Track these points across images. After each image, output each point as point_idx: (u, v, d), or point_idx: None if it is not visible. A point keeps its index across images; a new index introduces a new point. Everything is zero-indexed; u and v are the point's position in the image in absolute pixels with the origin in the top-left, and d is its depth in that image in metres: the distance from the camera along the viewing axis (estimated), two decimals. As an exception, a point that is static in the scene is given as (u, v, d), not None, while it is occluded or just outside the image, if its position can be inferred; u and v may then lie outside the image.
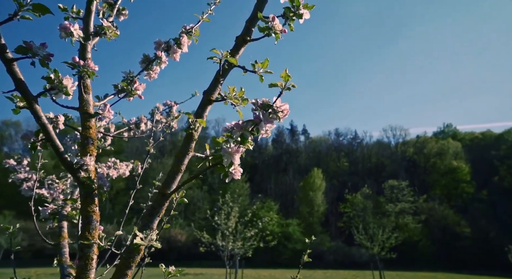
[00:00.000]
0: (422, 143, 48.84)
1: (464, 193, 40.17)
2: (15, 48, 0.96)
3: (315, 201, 37.62)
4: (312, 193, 37.95)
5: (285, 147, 55.62)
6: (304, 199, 38.11)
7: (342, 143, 58.29)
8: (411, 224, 32.80)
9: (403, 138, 53.63)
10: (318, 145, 57.29)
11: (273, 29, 1.24)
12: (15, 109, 1.10)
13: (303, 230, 33.47)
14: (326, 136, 59.35)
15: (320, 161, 51.23)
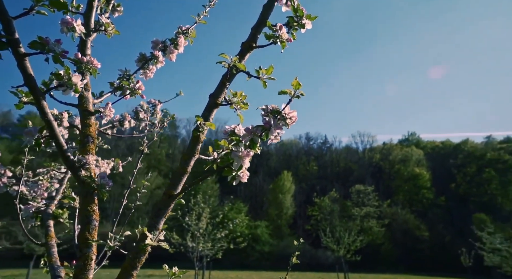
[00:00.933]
0: (388, 149, 50.81)
1: (424, 198, 42.18)
2: (29, 43, 0.94)
3: (284, 204, 38.05)
4: (281, 195, 38.35)
5: (256, 149, 55.79)
6: (273, 201, 38.44)
7: (312, 147, 59.43)
8: (375, 228, 33.97)
9: (371, 144, 55.56)
10: (289, 148, 58.04)
11: (280, 38, 1.29)
12: (19, 104, 1.07)
13: (271, 232, 33.74)
14: (297, 140, 60.24)
15: (290, 164, 51.90)
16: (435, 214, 39.30)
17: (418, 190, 42.31)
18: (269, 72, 1.27)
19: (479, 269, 25.15)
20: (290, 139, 60.90)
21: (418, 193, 42.13)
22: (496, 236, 18.91)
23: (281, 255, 30.06)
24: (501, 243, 18.10)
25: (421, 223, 36.03)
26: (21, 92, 1.05)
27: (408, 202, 41.44)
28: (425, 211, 39.92)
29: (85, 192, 1.17)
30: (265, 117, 1.09)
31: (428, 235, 34.39)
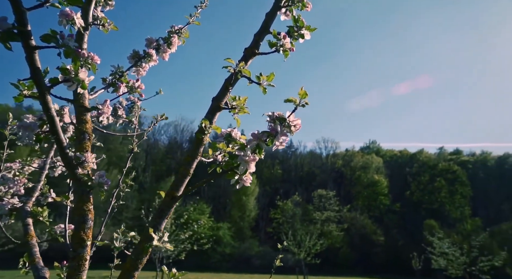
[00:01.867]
0: (350, 156, 52.59)
1: (381, 204, 44.12)
2: (42, 36, 0.91)
3: (247, 206, 38.17)
4: (245, 197, 38.43)
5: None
6: (237, 203, 38.44)
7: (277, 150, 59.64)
8: (334, 232, 35.00)
9: (334, 150, 57.17)
10: (255, 151, 58.29)
11: (284, 47, 1.33)
12: (18, 97, 1.03)
13: (233, 234, 33.70)
14: (262, 143, 60.63)
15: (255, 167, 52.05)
16: (391, 220, 41.25)
17: (376, 196, 44.20)
18: (269, 79, 1.31)
19: (427, 271, 26.73)
20: (256, 141, 61.12)
21: (376, 199, 44.00)
22: (444, 241, 20.26)
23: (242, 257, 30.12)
24: (448, 247, 19.44)
25: (377, 228, 37.65)
26: (23, 85, 1.01)
27: (367, 207, 43.14)
28: (381, 217, 41.76)
29: (81, 190, 1.14)
30: (270, 123, 1.12)
31: (384, 240, 36.01)
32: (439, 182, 45.25)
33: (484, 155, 56.71)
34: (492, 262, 17.88)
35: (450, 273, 18.99)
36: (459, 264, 18.29)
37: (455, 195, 43.98)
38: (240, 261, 28.92)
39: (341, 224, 36.83)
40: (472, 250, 18.38)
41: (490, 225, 37.16)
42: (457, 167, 48.14)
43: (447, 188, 44.90)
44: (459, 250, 18.80)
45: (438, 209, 43.29)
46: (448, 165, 48.01)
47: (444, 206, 43.58)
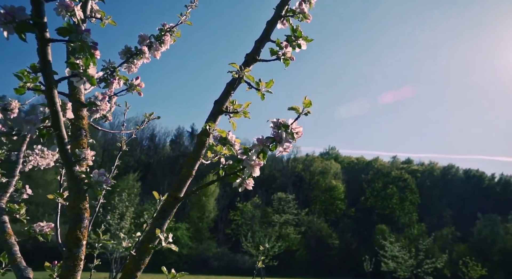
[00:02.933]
0: (310, 161, 53.98)
1: (337, 209, 45.72)
2: (58, 29, 0.88)
3: (207, 207, 37.82)
4: (204, 198, 38.05)
5: (183, 149, 54.73)
6: (196, 204, 37.96)
7: (238, 152, 60.19)
8: (292, 235, 35.70)
9: (295, 154, 58.35)
10: (217, 151, 57.97)
11: (285, 55, 1.38)
12: (20, 89, 0.98)
13: (191, 235, 33.23)
14: (224, 143, 60.47)
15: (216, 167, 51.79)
16: (346, 224, 42.88)
17: (333, 201, 45.75)
18: (268, 86, 1.35)
19: (377, 273, 28.10)
20: (218, 142, 60.81)
21: (333, 204, 45.54)
22: (395, 245, 21.53)
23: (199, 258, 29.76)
24: (399, 251, 20.70)
25: (333, 231, 38.97)
26: (27, 77, 0.97)
27: (324, 211, 44.48)
28: (337, 221, 43.26)
29: (77, 188, 1.11)
30: (274, 130, 1.16)
31: (338, 243, 37.35)
32: (391, 189, 47.82)
33: (431, 165, 60.74)
34: (435, 264, 19.39)
35: (399, 274, 20.24)
36: (407, 266, 19.57)
37: (405, 201, 46.70)
38: (197, 262, 28.55)
39: (299, 227, 37.65)
40: (419, 253, 19.80)
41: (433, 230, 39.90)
42: (408, 175, 51.16)
43: (398, 194, 47.56)
44: (408, 253, 20.13)
45: (389, 215, 45.71)
46: (400, 173, 50.89)
47: (394, 211, 46.10)
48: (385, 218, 44.48)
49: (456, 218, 47.97)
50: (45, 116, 1.00)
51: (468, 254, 28.90)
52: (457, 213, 49.02)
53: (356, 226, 44.96)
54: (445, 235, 38.00)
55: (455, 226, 43.71)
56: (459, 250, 34.83)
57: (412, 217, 45.98)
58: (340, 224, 42.31)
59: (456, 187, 53.68)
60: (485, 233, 41.38)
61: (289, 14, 1.46)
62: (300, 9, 1.43)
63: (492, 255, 37.71)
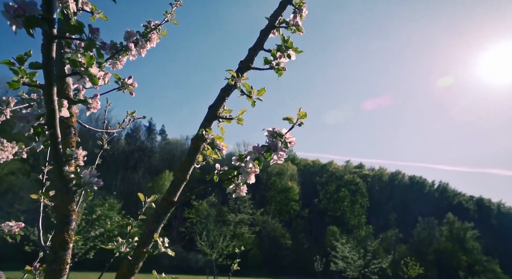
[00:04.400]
0: (267, 161, 54.47)
1: (292, 209, 46.77)
2: (66, 26, 0.85)
3: (161, 204, 36.87)
4: (159, 195, 36.89)
5: (139, 144, 52.89)
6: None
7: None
8: (246, 234, 35.92)
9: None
10: (174, 148, 56.77)
11: (279, 65, 1.42)
12: (14, 83, 0.93)
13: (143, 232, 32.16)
14: (183, 140, 59.40)
15: (173, 164, 50.79)
16: (299, 224, 44.02)
17: (288, 201, 46.72)
18: (260, 94, 1.39)
19: (327, 273, 29.19)
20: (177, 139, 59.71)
21: (288, 205, 46.50)
22: (346, 246, 22.57)
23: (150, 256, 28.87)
24: (349, 251, 21.73)
25: (286, 232, 39.80)
26: (23, 71, 0.92)
27: (278, 212, 45.28)
28: (291, 221, 44.26)
29: (66, 189, 1.07)
30: (270, 138, 1.20)
31: (291, 243, 38.24)
32: (343, 192, 49.88)
33: (381, 170, 64.23)
34: (381, 264, 20.66)
35: (348, 274, 21.25)
36: (356, 266, 20.63)
37: (355, 204, 48.95)
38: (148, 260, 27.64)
39: (253, 227, 37.98)
40: (367, 254, 20.97)
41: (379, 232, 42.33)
42: (359, 179, 53.67)
43: (350, 197, 49.74)
44: (357, 254, 21.24)
45: (340, 216, 47.65)
46: (352, 177, 53.25)
47: (345, 214, 48.14)
48: (336, 220, 46.29)
49: (400, 220, 51.24)
50: (40, 113, 0.96)
51: (408, 254, 31.06)
52: (401, 216, 52.38)
53: (309, 226, 46.33)
54: (390, 236, 40.43)
55: (399, 228, 46.66)
56: (401, 250, 37.23)
57: (361, 219, 48.31)
58: (293, 225, 43.34)
59: (402, 192, 57.35)
60: (423, 235, 44.68)
61: (283, 25, 1.51)
62: (294, 22, 1.48)
63: (428, 255, 40.81)
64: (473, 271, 41.11)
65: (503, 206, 64.05)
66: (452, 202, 59.10)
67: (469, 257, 42.41)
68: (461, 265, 40.97)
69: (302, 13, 1.58)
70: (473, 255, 42.89)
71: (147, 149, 52.29)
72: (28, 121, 0.93)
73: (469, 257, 42.41)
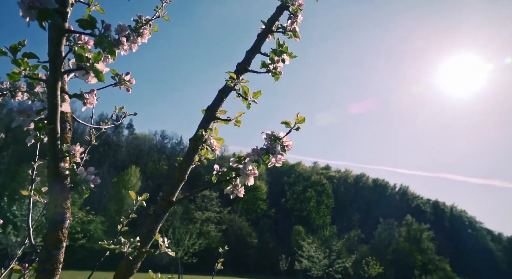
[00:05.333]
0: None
1: (259, 209, 47.09)
2: (78, 21, 0.83)
3: (126, 200, 35.82)
4: (124, 191, 35.99)
5: (105, 138, 50.99)
6: (115, 196, 35.70)
7: (165, 145, 58.35)
8: (213, 232, 35.73)
9: (222, 153, 58.54)
10: (141, 143, 55.35)
11: (276, 70, 1.44)
12: (14, 75, 0.89)
13: (106, 229, 31.14)
14: (151, 136, 58.05)
15: (139, 159, 49.56)
16: (265, 223, 44.42)
17: (256, 201, 47.00)
18: (255, 96, 1.41)
19: (291, 272, 29.71)
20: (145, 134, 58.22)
21: (255, 204, 46.78)
22: (312, 245, 23.10)
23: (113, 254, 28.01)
24: (315, 251, 22.27)
25: (253, 230, 40.02)
26: (25, 63, 0.89)
27: (246, 211, 45.42)
28: (257, 220, 44.55)
29: (61, 186, 1.04)
30: (268, 141, 1.22)
31: (257, 242, 38.50)
32: (310, 192, 50.90)
33: (346, 172, 66.18)
34: (345, 263, 21.38)
35: (313, 273, 21.79)
36: (321, 265, 21.19)
37: (321, 205, 50.13)
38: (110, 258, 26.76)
39: (220, 225, 37.86)
40: (331, 253, 21.62)
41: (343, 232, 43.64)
42: (326, 180, 55.01)
43: (316, 198, 50.85)
44: (322, 253, 21.83)
45: (306, 217, 48.61)
46: (319, 178, 54.46)
47: (311, 214, 49.18)
48: (302, 220, 47.16)
49: (363, 221, 53.12)
50: (41, 108, 0.92)
51: (369, 254, 32.33)
52: (364, 217, 54.31)
53: (275, 226, 46.87)
54: (353, 237, 41.79)
55: (361, 229, 48.35)
56: (362, 250, 38.57)
57: (326, 219, 49.55)
58: (260, 224, 43.67)
59: (365, 194, 59.45)
60: (383, 235, 46.65)
61: (280, 30, 1.54)
62: (292, 28, 1.51)
63: (387, 254, 42.66)
64: (426, 269, 43.51)
65: (455, 209, 68.16)
66: (411, 204, 62.09)
67: (423, 256, 44.83)
68: (416, 264, 43.20)
69: (297, 19, 1.62)
70: (427, 255, 45.40)
71: (113, 143, 50.57)
72: (28, 116, 0.90)
73: (423, 256, 44.83)
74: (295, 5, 1.54)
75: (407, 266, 41.74)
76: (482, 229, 65.77)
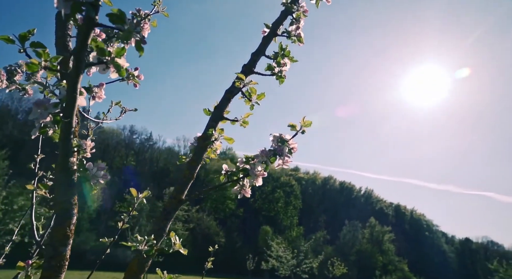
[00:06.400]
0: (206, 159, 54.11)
1: (227, 208, 46.98)
2: (108, 15, 0.82)
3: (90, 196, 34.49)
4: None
5: (69, 130, 48.86)
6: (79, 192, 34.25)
7: (134, 141, 56.77)
8: (180, 230, 35.21)
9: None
10: (109, 137, 53.50)
11: (281, 73, 1.47)
12: (33, 66, 0.86)
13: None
14: (119, 130, 56.24)
15: (106, 154, 47.86)
16: (233, 223, 44.39)
17: (224, 200, 46.84)
18: (259, 98, 1.44)
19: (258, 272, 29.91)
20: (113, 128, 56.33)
21: (224, 203, 46.62)
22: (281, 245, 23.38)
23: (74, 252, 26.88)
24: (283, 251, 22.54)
25: (220, 230, 39.85)
26: (46, 54, 0.86)
27: (214, 209, 45.16)
28: (225, 220, 44.43)
29: (69, 181, 1.02)
30: (276, 143, 1.25)
31: (224, 241, 38.37)
32: (278, 193, 51.45)
33: (315, 174, 67.53)
34: (312, 264, 21.81)
35: (280, 273, 22.05)
36: (289, 266, 21.48)
37: (289, 205, 50.83)
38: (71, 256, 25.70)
39: (188, 224, 37.40)
40: (299, 254, 21.99)
41: (309, 233, 44.53)
42: (295, 182, 55.84)
43: (284, 199, 51.48)
44: (291, 254, 22.14)
45: (274, 217, 49.09)
46: (288, 179, 55.16)
47: (279, 214, 49.73)
48: (269, 220, 47.57)
49: (329, 223, 54.45)
50: (59, 101, 0.89)
51: (334, 255, 33.23)
52: (330, 219, 55.69)
53: (243, 225, 46.94)
54: (318, 238, 42.73)
55: (327, 230, 49.54)
56: (327, 251, 39.54)
57: (293, 220, 50.30)
58: (228, 223, 43.58)
59: (332, 196, 60.97)
60: (348, 237, 48.10)
61: (285, 34, 1.57)
62: (297, 33, 1.55)
63: (351, 255, 44.02)
64: (386, 270, 45.37)
65: (415, 212, 71.49)
66: (375, 207, 64.43)
67: (384, 257, 46.71)
68: (377, 265, 44.92)
69: (300, 25, 1.66)
70: (388, 256, 47.36)
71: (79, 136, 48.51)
72: (46, 108, 0.87)
73: (384, 257, 46.71)
74: (300, 11, 1.58)
75: (369, 266, 43.31)
76: (438, 232, 69.46)
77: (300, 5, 1.56)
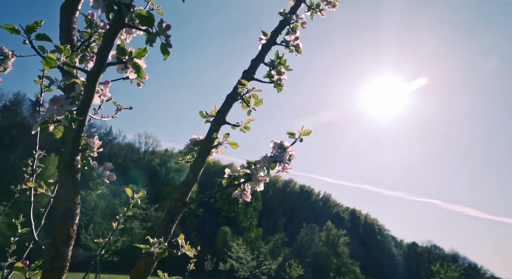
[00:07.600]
0: (168, 156, 53.00)
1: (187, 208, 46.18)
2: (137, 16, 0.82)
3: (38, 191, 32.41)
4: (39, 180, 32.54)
5: (20, 120, 45.53)
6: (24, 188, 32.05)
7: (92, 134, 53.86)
8: (136, 229, 34.11)
9: (154, 148, 56.34)
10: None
11: (280, 81, 1.52)
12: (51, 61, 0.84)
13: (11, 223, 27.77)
14: (76, 123, 53.45)
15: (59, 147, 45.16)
16: (192, 223, 43.78)
17: (184, 199, 46.04)
18: (257, 104, 1.47)
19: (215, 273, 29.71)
20: (69, 120, 53.27)
21: (183, 202, 45.80)
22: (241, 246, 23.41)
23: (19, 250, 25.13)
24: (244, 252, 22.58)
25: (179, 229, 39.09)
26: (66, 50, 0.84)
27: (173, 209, 44.21)
28: (184, 219, 43.66)
29: (73, 180, 0.99)
30: (276, 150, 1.29)
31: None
32: (240, 194, 51.52)
33: (276, 177, 68.25)
34: (271, 265, 22.07)
35: (240, 274, 22.07)
36: (248, 267, 21.55)
37: (249, 207, 51.01)
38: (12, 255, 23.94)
39: (145, 223, 36.32)
40: (259, 255, 22.15)
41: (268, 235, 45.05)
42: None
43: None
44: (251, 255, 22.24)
45: (233, 218, 49.05)
46: (250, 181, 55.44)
47: (238, 215, 49.77)
48: (229, 221, 47.48)
49: (287, 225, 55.37)
50: (74, 98, 0.87)
51: (292, 257, 33.89)
52: (289, 221, 56.66)
53: (202, 226, 46.45)
54: (277, 239, 43.31)
55: (285, 232, 50.39)
56: (285, 253, 40.22)
57: (253, 221, 50.57)
58: (187, 223, 42.90)
59: (292, 199, 62.11)
60: (305, 239, 49.29)
61: (283, 44, 1.62)
62: (295, 43, 1.60)
63: (307, 257, 45.13)
64: (340, 272, 47.03)
65: (369, 217, 74.77)
66: (332, 211, 66.53)
67: (338, 260, 48.38)
68: (332, 267, 46.42)
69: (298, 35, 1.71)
70: (342, 258, 49.12)
71: (29, 127, 45.34)
72: (62, 105, 0.84)
73: (338, 260, 48.38)
74: (299, 22, 1.63)
75: (324, 268, 44.63)
76: (389, 236, 73.10)
77: (300, 17, 1.62)
